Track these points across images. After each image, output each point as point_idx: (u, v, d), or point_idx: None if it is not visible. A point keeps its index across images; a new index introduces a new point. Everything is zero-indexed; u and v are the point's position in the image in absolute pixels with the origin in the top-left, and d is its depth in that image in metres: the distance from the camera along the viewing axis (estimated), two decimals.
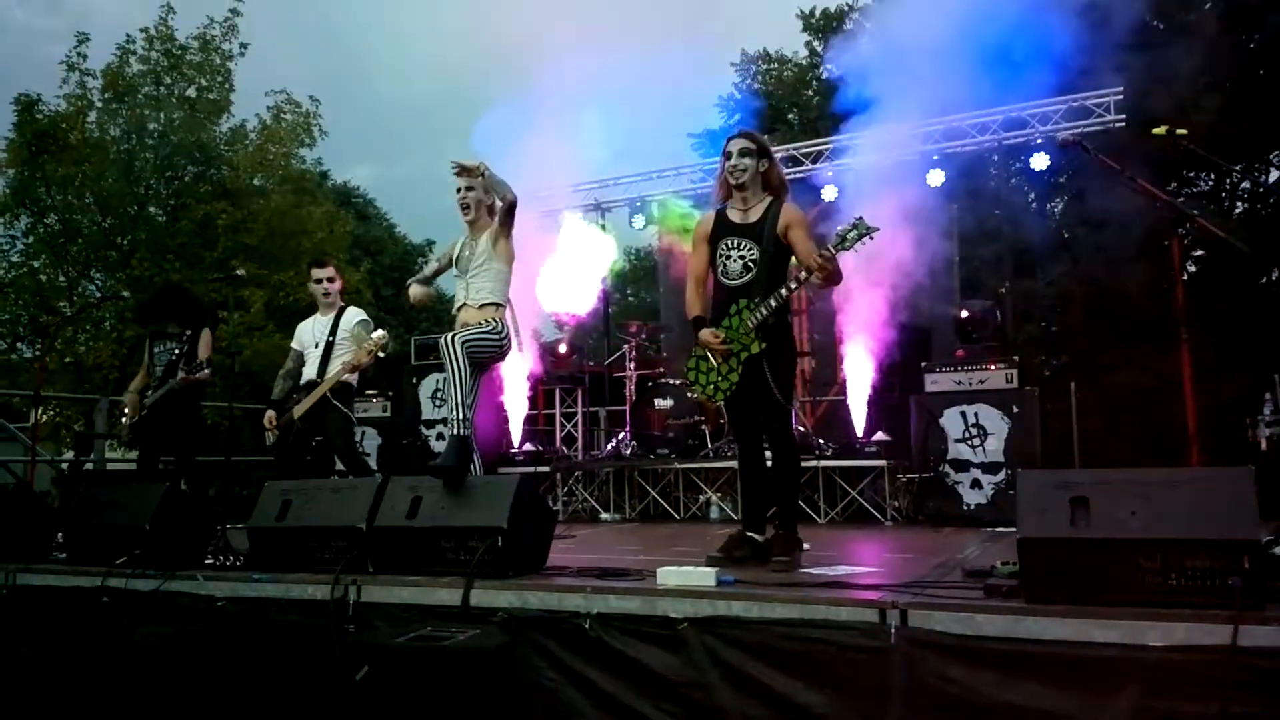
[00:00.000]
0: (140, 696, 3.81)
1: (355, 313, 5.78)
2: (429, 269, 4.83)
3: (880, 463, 7.19)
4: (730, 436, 7.63)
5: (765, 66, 22.03)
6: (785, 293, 4.05)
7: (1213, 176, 15.81)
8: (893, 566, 4.19)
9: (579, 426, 10.17)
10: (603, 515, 8.36)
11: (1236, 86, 13.38)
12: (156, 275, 14.29)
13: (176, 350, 5.93)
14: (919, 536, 6.00)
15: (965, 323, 7.57)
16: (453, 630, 3.17)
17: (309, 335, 5.79)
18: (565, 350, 10.16)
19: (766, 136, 4.53)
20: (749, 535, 4.19)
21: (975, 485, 6.75)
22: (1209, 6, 14.10)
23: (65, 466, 9.70)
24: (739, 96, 20.21)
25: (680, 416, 8.46)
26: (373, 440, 8.91)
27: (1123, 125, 8.55)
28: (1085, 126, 8.60)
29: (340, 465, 5.93)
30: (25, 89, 14.69)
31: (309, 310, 6.00)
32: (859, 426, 7.85)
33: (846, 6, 20.09)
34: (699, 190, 10.57)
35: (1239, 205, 15.92)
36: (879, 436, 7.46)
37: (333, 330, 5.67)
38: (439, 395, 8.95)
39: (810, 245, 4.10)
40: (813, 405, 8.90)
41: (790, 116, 20.18)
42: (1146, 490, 2.73)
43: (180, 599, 3.94)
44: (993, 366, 6.94)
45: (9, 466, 7.64)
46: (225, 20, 16.02)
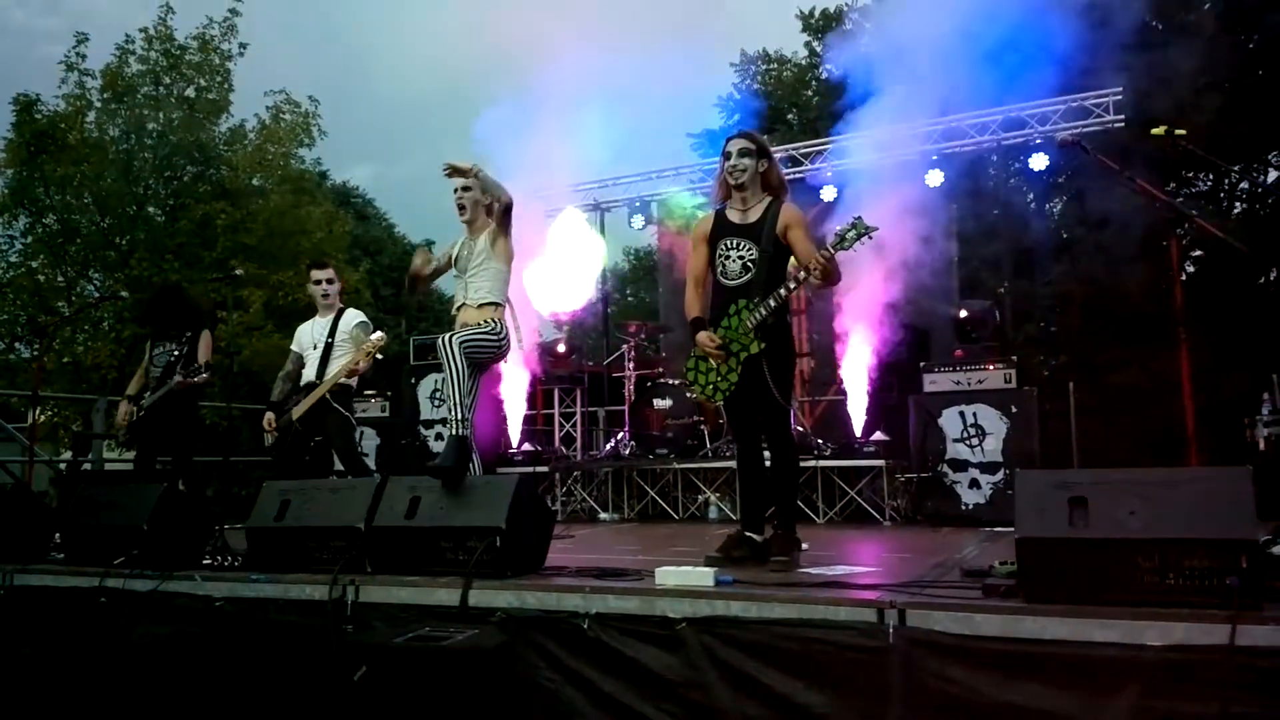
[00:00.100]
0: (138, 697, 3.81)
1: (354, 314, 5.78)
2: (429, 266, 4.82)
3: (879, 463, 7.19)
4: (729, 437, 7.63)
5: (765, 67, 22.03)
6: (784, 293, 4.05)
7: (1211, 177, 15.81)
8: (891, 566, 4.19)
9: (578, 426, 10.16)
10: (601, 515, 8.36)
11: (1235, 87, 13.39)
12: (155, 275, 14.29)
13: (176, 352, 5.93)
14: (917, 536, 6.00)
15: (964, 323, 7.58)
16: (451, 630, 3.17)
17: (308, 337, 5.79)
18: (564, 350, 10.16)
19: (766, 137, 4.53)
20: (748, 535, 4.19)
21: (974, 485, 6.75)
22: (1208, 7, 14.11)
23: (63, 467, 9.69)
24: (738, 97, 20.21)
25: (679, 416, 8.46)
26: (371, 440, 8.91)
27: (1122, 125, 8.55)
28: (1084, 127, 8.60)
29: (339, 466, 5.93)
30: (24, 89, 14.70)
31: (308, 310, 5.99)
32: (858, 426, 7.85)
33: (845, 6, 20.09)
34: (699, 191, 10.56)
35: (1237, 205, 15.94)
36: (877, 436, 7.46)
37: (332, 332, 5.67)
38: (438, 395, 8.94)
39: (810, 245, 4.11)
40: (811, 405, 8.90)
41: (790, 117, 20.18)
42: (1145, 490, 2.73)
43: (178, 599, 3.93)
44: (991, 366, 6.94)
45: (7, 467, 7.62)
46: (224, 20, 16.03)
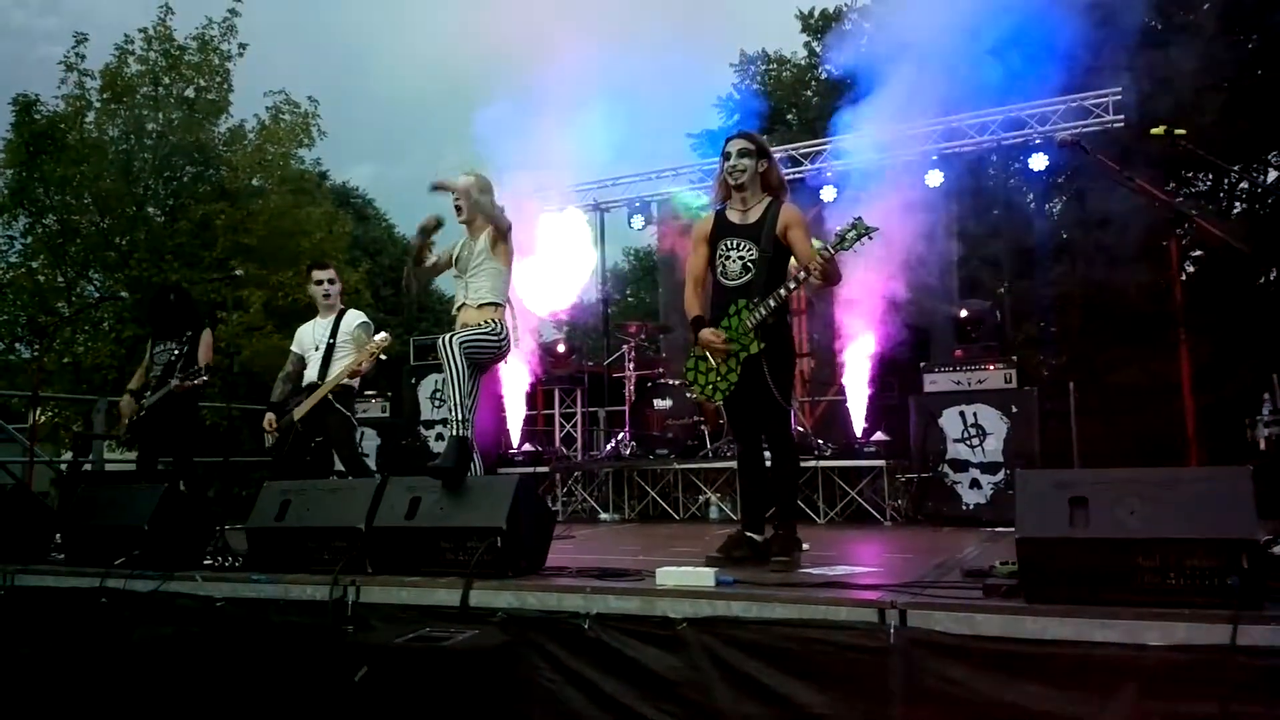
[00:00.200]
0: (139, 697, 3.81)
1: (356, 315, 5.79)
2: (430, 259, 4.77)
3: (879, 463, 7.19)
4: (729, 437, 7.63)
5: (764, 67, 22.03)
6: (784, 293, 4.06)
7: (1211, 177, 15.82)
8: (892, 566, 4.19)
9: (578, 427, 10.16)
10: (602, 515, 8.35)
11: (1235, 87, 13.39)
12: (155, 276, 14.28)
13: (176, 351, 5.93)
14: (918, 536, 6.00)
15: (964, 323, 7.57)
16: (452, 631, 3.17)
17: (309, 338, 5.79)
18: (564, 350, 10.16)
19: (765, 137, 4.53)
20: (748, 535, 4.19)
21: (974, 485, 6.75)
22: (1207, 7, 14.11)
23: (64, 467, 9.69)
24: (738, 97, 20.19)
25: (679, 417, 8.46)
26: (371, 441, 8.91)
27: (1121, 125, 8.55)
28: (1084, 127, 8.60)
29: (339, 466, 5.93)
30: (23, 89, 14.70)
31: (308, 311, 5.99)
32: (858, 427, 7.85)
33: (844, 6, 20.08)
34: (701, 190, 10.56)
35: (1237, 205, 15.94)
36: (878, 436, 7.46)
37: (333, 333, 5.68)
38: (438, 396, 8.94)
39: (809, 246, 4.11)
40: (812, 405, 8.89)
41: (789, 117, 20.17)
42: (1145, 490, 2.73)
43: (179, 600, 3.93)
44: (991, 366, 6.94)
45: (7, 467, 7.62)
46: (224, 20, 16.02)
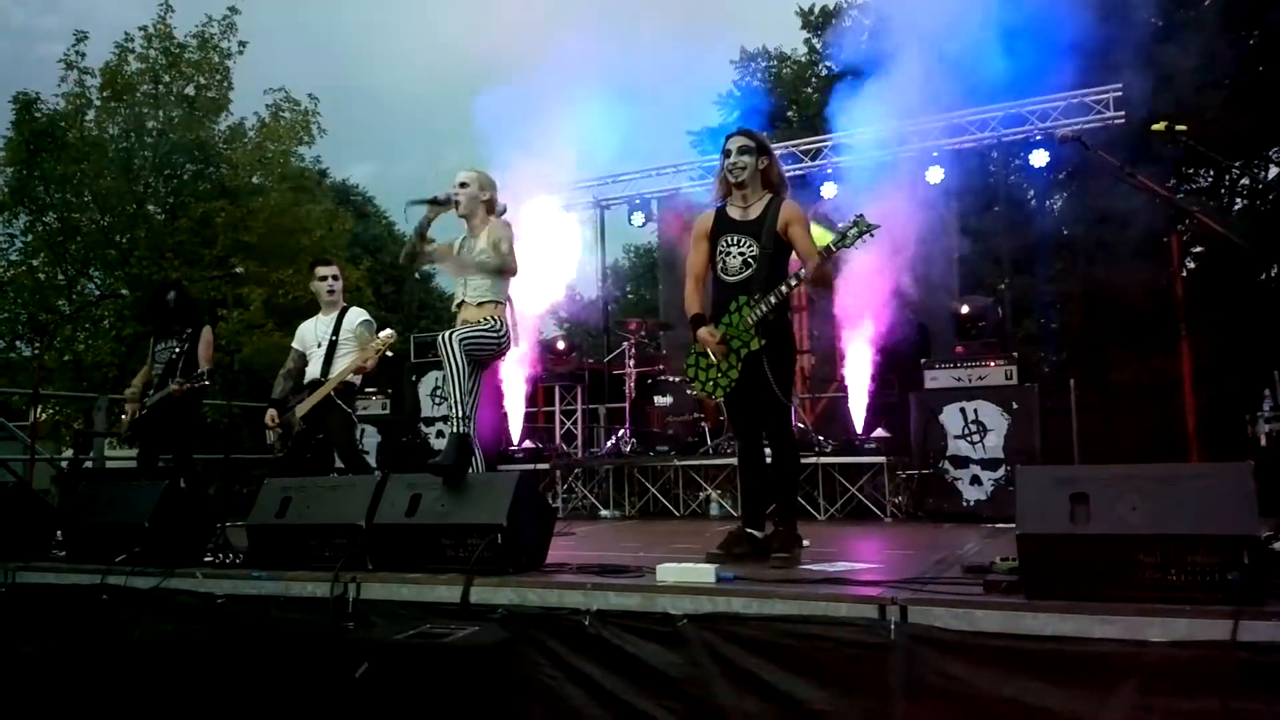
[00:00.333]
0: (140, 694, 3.81)
1: (358, 313, 5.79)
2: (430, 245, 4.73)
3: (880, 459, 7.19)
4: (730, 434, 7.63)
5: (764, 64, 22.01)
6: (785, 290, 4.05)
7: (1211, 173, 15.81)
8: (892, 563, 4.19)
9: (579, 424, 10.16)
10: (602, 512, 8.35)
11: (1236, 83, 13.38)
12: (155, 273, 14.30)
13: (177, 349, 5.93)
14: (918, 533, 6.00)
15: (965, 319, 7.57)
16: (452, 627, 3.17)
17: (311, 335, 5.79)
18: (564, 347, 10.16)
19: (765, 134, 4.53)
20: (749, 532, 4.19)
21: (975, 482, 6.75)
22: (1208, 3, 14.09)
23: (64, 465, 9.69)
24: (738, 94, 20.18)
25: (680, 414, 8.46)
26: (372, 438, 8.91)
27: (1122, 122, 8.54)
28: (1085, 123, 8.59)
29: (340, 464, 5.93)
30: (24, 87, 14.71)
31: (308, 308, 6.00)
32: (858, 423, 7.84)
33: (845, 3, 20.06)
34: (697, 189, 10.55)
35: (1238, 201, 15.93)
36: (878, 433, 7.46)
37: (335, 330, 5.68)
38: (439, 393, 8.94)
39: (809, 243, 4.11)
40: (812, 402, 8.89)
41: (790, 114, 20.16)
42: (1146, 486, 2.73)
43: (179, 597, 3.93)
44: (992, 363, 6.93)
45: (8, 465, 7.62)
46: (224, 18, 16.05)
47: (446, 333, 4.26)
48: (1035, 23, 7.61)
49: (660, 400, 8.59)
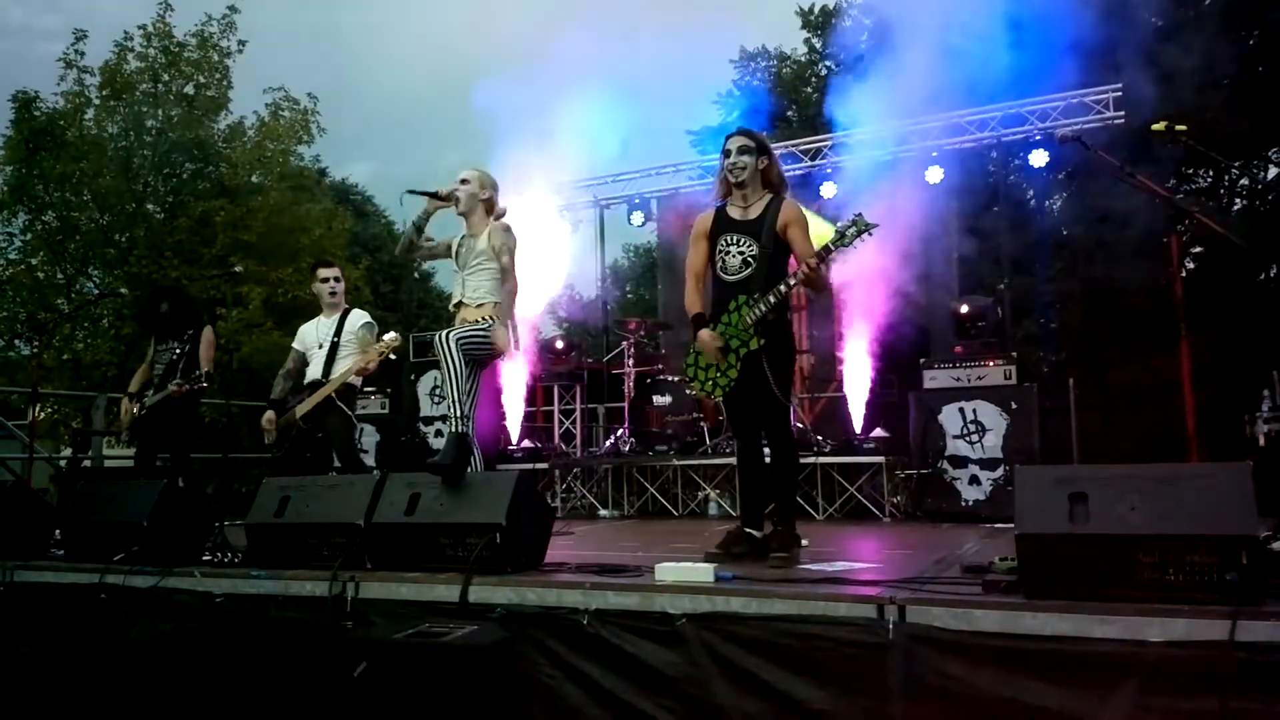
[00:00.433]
0: (138, 693, 3.81)
1: (360, 315, 5.78)
2: (430, 242, 4.72)
3: (879, 459, 7.19)
4: (728, 433, 7.63)
5: (764, 64, 22.00)
6: (784, 289, 4.04)
7: (1211, 173, 15.81)
8: (891, 562, 4.19)
9: (577, 423, 10.17)
10: (601, 512, 8.36)
11: (1236, 83, 13.38)
12: (155, 273, 14.29)
13: (178, 350, 5.92)
14: (917, 532, 6.00)
15: (964, 319, 7.57)
16: (451, 626, 3.17)
17: (313, 336, 5.79)
18: (563, 347, 10.16)
19: (766, 134, 4.52)
20: (747, 531, 4.19)
21: (973, 481, 6.75)
22: (1209, 3, 14.09)
23: (63, 464, 9.69)
24: (737, 94, 20.17)
25: (679, 413, 8.45)
26: (371, 437, 8.91)
27: (1122, 122, 8.54)
28: (1084, 123, 8.59)
29: (338, 464, 5.93)
30: (23, 86, 14.70)
31: (307, 307, 6.00)
32: (857, 423, 7.85)
33: (845, 3, 20.05)
34: (697, 189, 10.54)
35: (1238, 202, 15.94)
36: (877, 433, 7.46)
37: (337, 331, 5.68)
38: (437, 392, 8.94)
39: (808, 244, 4.10)
40: (811, 402, 8.89)
41: (789, 114, 20.16)
42: (1145, 486, 2.73)
43: (178, 595, 3.93)
44: (991, 363, 6.93)
45: (7, 464, 7.61)
46: (223, 17, 16.04)
47: (444, 332, 4.26)
48: (1035, 23, 7.62)
49: (659, 400, 8.59)
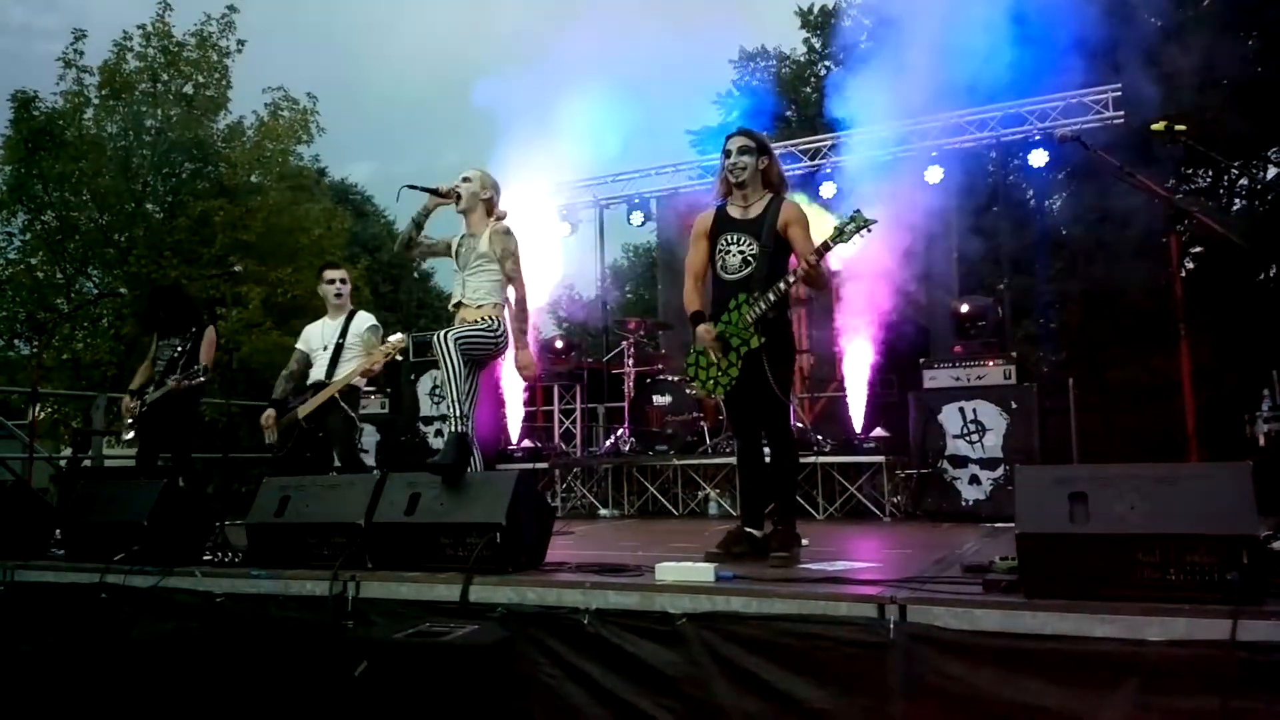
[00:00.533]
0: (139, 693, 3.81)
1: (366, 318, 5.77)
2: (431, 240, 4.72)
3: (879, 459, 7.19)
4: (729, 433, 7.62)
5: (764, 64, 22.00)
6: (783, 287, 4.05)
7: (1210, 173, 15.82)
8: (891, 562, 4.19)
9: (577, 423, 10.16)
10: (601, 511, 8.35)
11: (1236, 83, 13.38)
12: (154, 272, 14.29)
13: (180, 348, 5.93)
14: (917, 532, 6.01)
15: (964, 319, 7.57)
16: (451, 626, 3.17)
17: (317, 338, 5.78)
18: (563, 347, 10.16)
19: (765, 134, 4.52)
20: (747, 531, 4.19)
21: (974, 481, 6.75)
22: (1207, 3, 14.10)
23: (63, 463, 9.69)
24: (737, 94, 20.18)
25: (679, 413, 8.45)
26: (371, 437, 8.91)
27: (1121, 122, 8.54)
28: (1084, 123, 8.59)
29: (338, 464, 5.93)
30: (22, 86, 14.70)
31: (307, 307, 6.00)
32: (857, 422, 7.85)
33: (844, 3, 20.05)
34: (697, 189, 10.54)
35: (1237, 202, 15.95)
36: (877, 432, 7.46)
37: (342, 333, 5.67)
38: (437, 392, 8.94)
39: (809, 243, 4.10)
40: (811, 401, 8.89)
41: (789, 114, 20.17)
42: (1145, 485, 2.73)
43: (178, 595, 3.93)
44: (991, 363, 6.93)
45: (6, 464, 7.61)
46: (222, 17, 16.05)
47: (442, 332, 4.26)
48: (1034, 22, 7.62)
49: (659, 400, 8.59)
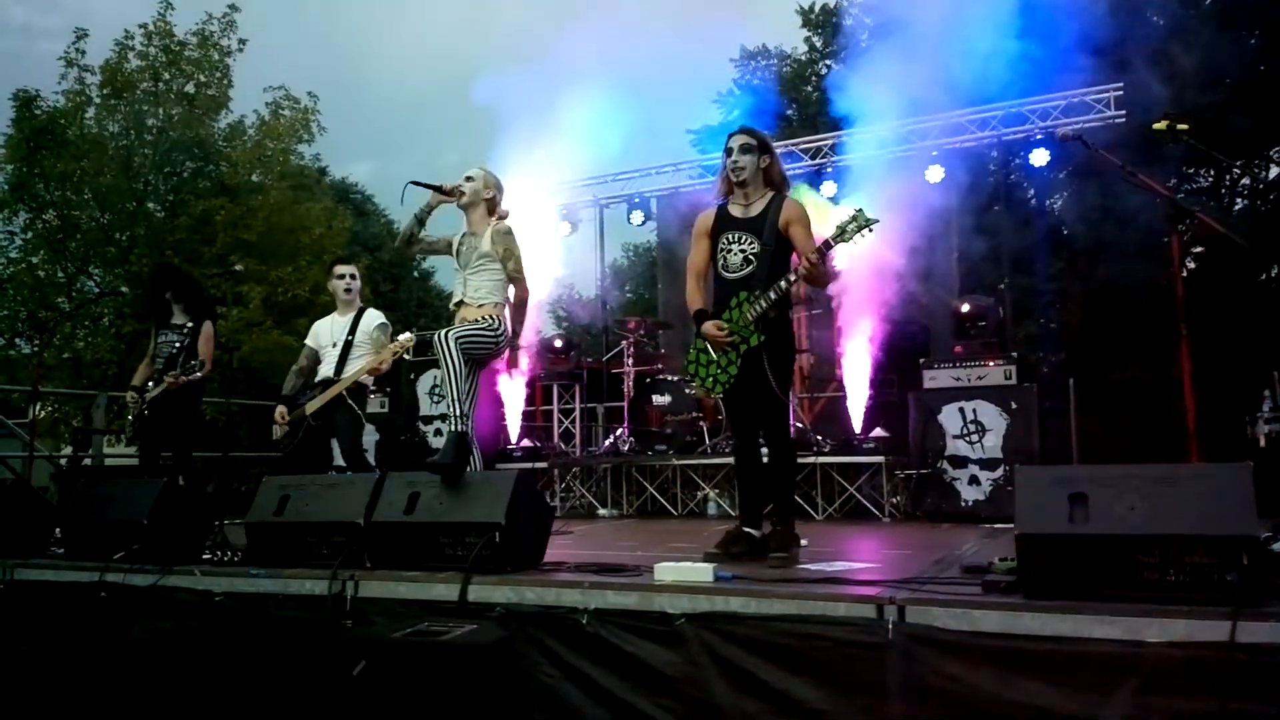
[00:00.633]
0: (138, 691, 3.81)
1: (376, 316, 5.76)
2: (432, 238, 4.71)
3: (878, 459, 7.18)
4: (728, 433, 7.62)
5: (764, 63, 21.99)
6: (784, 285, 4.04)
7: (1212, 173, 15.81)
8: (890, 562, 4.18)
9: (577, 423, 10.16)
10: (600, 511, 8.35)
11: (1236, 83, 13.37)
12: None
13: (178, 343, 5.92)
14: (917, 533, 6.00)
15: (965, 318, 7.57)
16: (450, 625, 3.16)
17: (327, 334, 5.77)
18: (562, 346, 10.16)
19: (767, 133, 4.52)
20: (746, 531, 4.19)
21: (973, 482, 6.74)
22: (1209, 3, 14.09)
23: (63, 462, 9.70)
24: (737, 93, 20.17)
25: (678, 413, 8.45)
26: (370, 436, 8.89)
27: (1123, 121, 8.54)
28: (1085, 122, 8.58)
29: (337, 462, 5.93)
30: (24, 85, 14.71)
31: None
32: (857, 423, 7.84)
33: (845, 2, 20.04)
34: (697, 188, 10.54)
35: (1239, 201, 15.93)
36: (877, 433, 7.45)
37: (352, 330, 5.66)
38: (437, 391, 8.94)
39: (811, 241, 4.10)
40: (811, 401, 8.88)
41: (789, 113, 20.15)
42: (1145, 486, 2.72)
43: (178, 594, 3.94)
44: (991, 363, 6.93)
45: (7, 462, 7.62)
46: (224, 16, 16.05)
47: (443, 331, 4.26)
48: (1036, 22, 7.61)
49: (658, 399, 8.58)
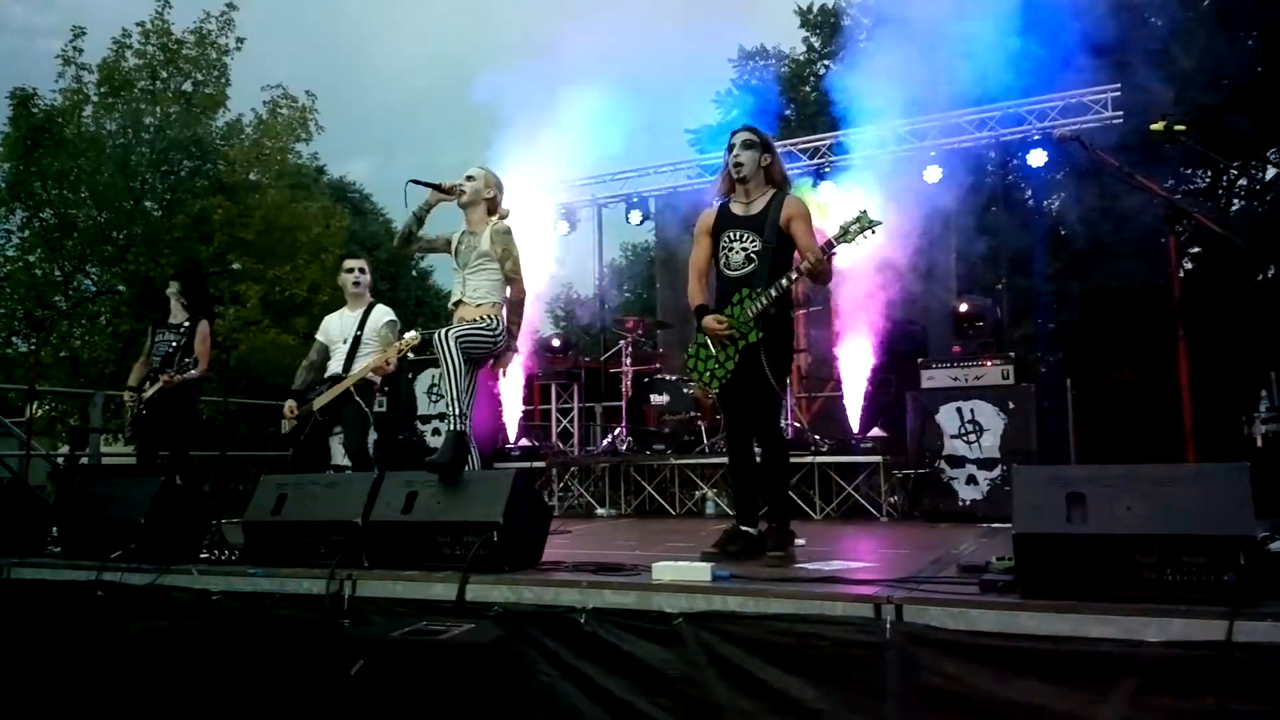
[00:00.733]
0: (135, 690, 3.81)
1: (385, 312, 5.73)
2: (431, 237, 4.71)
3: (876, 459, 7.19)
4: (726, 432, 7.62)
5: (763, 63, 21.99)
6: (785, 283, 4.05)
7: (1209, 173, 15.82)
8: (888, 562, 4.19)
9: (575, 422, 10.15)
10: (598, 510, 8.35)
11: (1235, 83, 13.39)
12: (152, 270, 14.29)
13: (174, 343, 5.92)
14: (914, 532, 6.00)
15: (963, 318, 7.58)
16: (448, 625, 3.16)
17: (336, 330, 5.75)
18: (560, 345, 10.16)
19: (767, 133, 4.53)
20: (743, 530, 4.19)
21: (971, 481, 6.75)
22: (1208, 4, 14.10)
23: (60, 461, 9.69)
24: (736, 93, 20.17)
25: (676, 412, 8.45)
26: (369, 435, 8.89)
27: (1120, 122, 8.54)
28: (1083, 123, 8.59)
29: (336, 460, 5.93)
30: (21, 83, 14.69)
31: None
32: (855, 422, 7.85)
33: (844, 2, 20.05)
34: (695, 188, 10.54)
35: (1236, 202, 15.95)
36: (875, 432, 7.46)
37: (360, 325, 5.64)
38: (435, 390, 8.94)
39: (811, 238, 4.10)
40: (809, 401, 8.89)
41: (788, 113, 20.16)
42: (1142, 486, 2.73)
43: (175, 593, 3.93)
44: (989, 363, 6.93)
45: (4, 461, 7.61)
46: (221, 15, 16.05)
47: (443, 330, 4.26)
48: (1035, 22, 7.62)
49: (657, 399, 8.58)
